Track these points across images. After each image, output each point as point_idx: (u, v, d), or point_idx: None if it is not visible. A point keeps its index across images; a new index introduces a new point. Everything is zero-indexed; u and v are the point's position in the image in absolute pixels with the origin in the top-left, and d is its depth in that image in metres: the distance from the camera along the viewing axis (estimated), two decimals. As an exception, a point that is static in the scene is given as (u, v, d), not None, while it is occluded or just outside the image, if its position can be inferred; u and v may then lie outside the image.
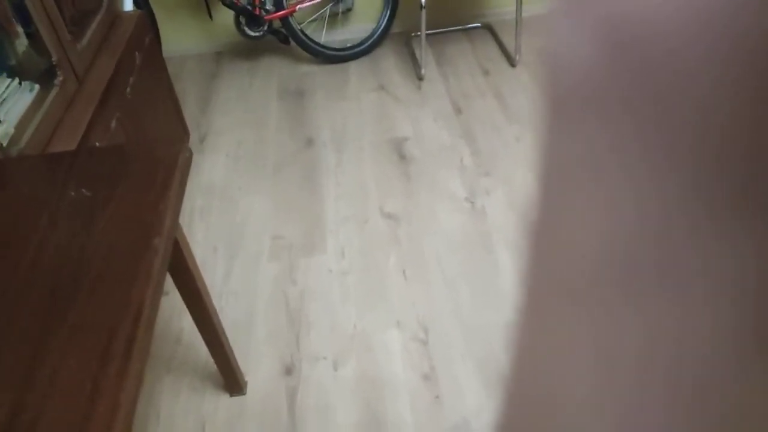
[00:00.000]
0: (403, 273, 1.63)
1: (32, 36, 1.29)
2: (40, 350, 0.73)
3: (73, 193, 0.95)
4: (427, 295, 1.57)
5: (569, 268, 0.13)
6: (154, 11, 2.28)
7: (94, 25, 1.51)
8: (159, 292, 0.85)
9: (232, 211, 1.88)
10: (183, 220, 0.98)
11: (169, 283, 1.08)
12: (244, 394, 1.37)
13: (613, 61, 0.10)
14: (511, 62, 2.45)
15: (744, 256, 0.10)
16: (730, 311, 0.11)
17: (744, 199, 0.10)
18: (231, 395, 1.37)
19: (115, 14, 1.70)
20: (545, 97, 0.12)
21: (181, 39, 2.66)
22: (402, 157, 2.05)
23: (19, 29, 1.26)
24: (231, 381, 1.35)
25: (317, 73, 2.53)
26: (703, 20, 0.09)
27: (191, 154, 1.05)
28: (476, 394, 1.35)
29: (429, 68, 2.48)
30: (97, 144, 1.31)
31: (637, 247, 0.11)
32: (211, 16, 2.60)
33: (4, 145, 1.11)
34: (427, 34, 2.43)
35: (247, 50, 2.70)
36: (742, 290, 0.10)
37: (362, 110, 2.29)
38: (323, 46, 2.52)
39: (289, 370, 1.42)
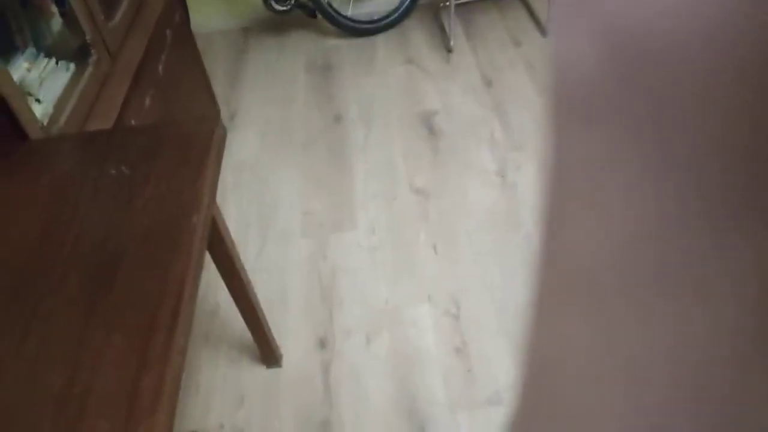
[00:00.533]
0: (433, 248, 1.63)
1: (66, 15, 1.30)
2: (88, 326, 0.75)
3: (113, 171, 0.96)
4: (458, 270, 1.57)
5: (574, 268, 0.13)
6: (182, -13, 2.28)
7: (125, 4, 1.52)
8: (200, 267, 0.87)
9: (262, 188, 1.89)
10: (216, 197, 1.00)
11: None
12: (280, 366, 1.40)
13: (613, 64, 0.10)
14: (543, 32, 2.39)
15: (742, 259, 0.10)
16: (729, 313, 0.11)
17: (742, 201, 0.10)
18: (267, 367, 1.40)
19: (145, -9, 1.70)
20: (549, 99, 0.12)
21: (208, 15, 2.66)
22: (431, 131, 2.03)
23: (54, 9, 1.27)
24: (267, 353, 1.38)
25: (344, 48, 2.51)
26: (703, 26, 0.09)
27: (225, 131, 1.05)
28: (508, 368, 1.35)
29: (458, 40, 2.43)
30: (133, 121, 1.33)
31: (638, 249, 0.11)
32: (237, -9, 2.59)
33: (45, 124, 1.13)
34: (456, 5, 2.38)
35: (274, 25, 2.69)
36: (741, 293, 0.11)
37: (390, 84, 2.27)
38: (350, 20, 2.49)
39: (323, 344, 1.44)
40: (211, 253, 1.14)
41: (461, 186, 1.81)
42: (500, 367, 1.36)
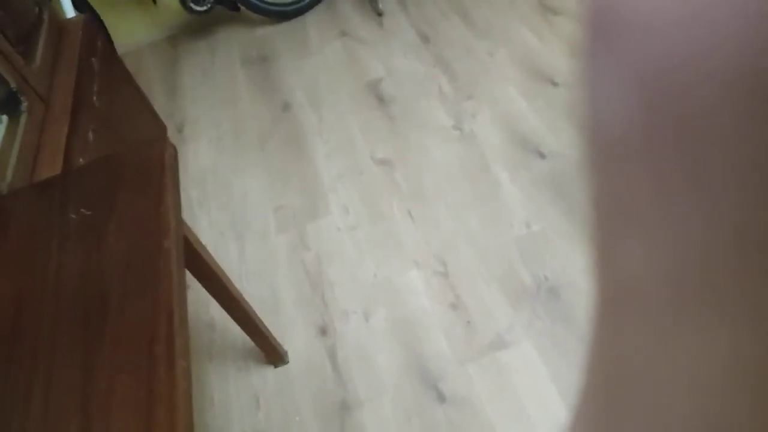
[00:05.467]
0: (409, 214, 1.65)
1: (-16, 67, 1.26)
2: (89, 371, 0.76)
3: (74, 216, 0.95)
4: (437, 229, 1.59)
5: (631, 287, 0.13)
6: (96, 10, 2.20)
7: (41, 41, 1.47)
8: (183, 289, 0.87)
9: (228, 193, 1.88)
10: (184, 213, 0.99)
11: (188, 276, 1.10)
12: (287, 363, 1.42)
13: (644, 104, 0.11)
14: (468, -24, 2.37)
15: None
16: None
17: None
18: (276, 367, 1.42)
19: (59, 24, 1.64)
20: (585, 139, 0.13)
21: (130, 32, 2.58)
22: (381, 99, 2.02)
23: (-31, 64, 1.23)
24: (272, 354, 1.39)
25: (276, 34, 2.47)
26: (730, 67, 0.09)
27: (175, 149, 1.04)
28: (504, 311, 1.39)
29: (387, 1, 2.40)
30: (81, 160, 1.30)
31: (684, 271, 0.12)
32: (154, 1, 2.51)
33: (-8, 184, 1.11)
34: (377, -33, 2.35)
35: (200, 27, 2.62)
36: None
37: (329, 62, 2.25)
38: (274, 4, 2.44)
39: (323, 331, 1.46)
40: (191, 271, 1.14)
41: (422, 147, 1.82)
42: (497, 312, 1.40)
